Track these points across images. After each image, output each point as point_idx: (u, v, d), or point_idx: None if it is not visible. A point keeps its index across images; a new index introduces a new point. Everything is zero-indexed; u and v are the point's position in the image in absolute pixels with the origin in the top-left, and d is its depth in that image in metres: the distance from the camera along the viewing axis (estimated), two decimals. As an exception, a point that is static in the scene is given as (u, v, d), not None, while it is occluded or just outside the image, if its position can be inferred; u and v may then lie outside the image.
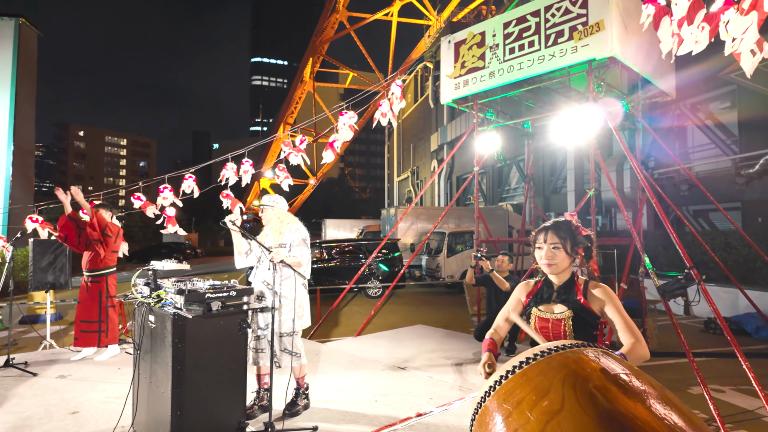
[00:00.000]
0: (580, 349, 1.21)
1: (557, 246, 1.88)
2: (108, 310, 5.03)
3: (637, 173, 5.60)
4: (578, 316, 1.83)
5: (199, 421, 2.75)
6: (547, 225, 1.93)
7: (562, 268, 1.89)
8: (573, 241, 1.90)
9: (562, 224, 1.92)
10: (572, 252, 1.89)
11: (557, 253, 1.88)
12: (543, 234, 1.92)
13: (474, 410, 1.25)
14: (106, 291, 5.04)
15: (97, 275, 5.04)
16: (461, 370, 4.81)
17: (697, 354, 5.99)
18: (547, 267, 1.90)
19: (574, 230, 1.92)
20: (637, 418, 0.98)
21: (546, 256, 1.89)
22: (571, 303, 1.86)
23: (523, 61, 6.10)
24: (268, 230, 3.62)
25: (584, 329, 1.82)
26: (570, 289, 1.89)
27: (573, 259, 1.90)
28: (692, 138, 13.17)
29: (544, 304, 1.92)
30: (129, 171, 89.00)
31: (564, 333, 1.83)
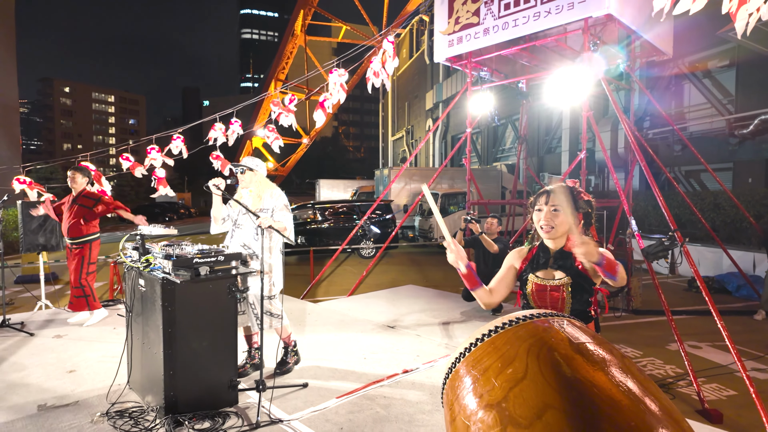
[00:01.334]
0: (547, 318, 1.25)
1: (558, 208, 1.82)
2: (87, 277, 4.94)
3: (628, 134, 5.57)
4: (576, 282, 1.80)
5: (191, 380, 2.85)
6: (548, 188, 1.87)
7: (561, 232, 1.84)
8: (575, 206, 1.84)
9: (564, 188, 1.83)
10: (572, 217, 1.80)
11: (557, 216, 1.82)
12: (544, 196, 1.86)
13: (446, 373, 1.31)
14: (89, 257, 4.94)
15: (81, 242, 4.92)
16: (448, 328, 4.96)
17: (677, 312, 6.20)
18: (545, 231, 1.85)
19: (576, 194, 1.87)
20: (594, 385, 1.03)
21: (545, 218, 1.83)
22: (568, 269, 1.82)
23: (518, 18, 5.92)
24: (246, 193, 3.55)
25: (581, 295, 1.80)
26: (567, 255, 1.84)
27: (574, 222, 1.80)
28: (688, 97, 13.03)
29: (541, 270, 1.88)
30: (118, 128, 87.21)
31: (562, 300, 1.81)
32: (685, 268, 9.17)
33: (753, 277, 7.54)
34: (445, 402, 1.29)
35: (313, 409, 3.01)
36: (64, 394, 3.22)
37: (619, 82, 7.41)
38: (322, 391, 3.29)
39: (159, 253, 2.90)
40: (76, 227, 4.86)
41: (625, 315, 6.17)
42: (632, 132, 5.70)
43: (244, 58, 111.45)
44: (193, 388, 2.86)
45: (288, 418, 2.87)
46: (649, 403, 1.01)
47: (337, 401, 3.12)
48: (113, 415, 2.88)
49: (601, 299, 1.86)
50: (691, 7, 3.64)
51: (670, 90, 13.23)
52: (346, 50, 7.03)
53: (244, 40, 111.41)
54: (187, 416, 2.78)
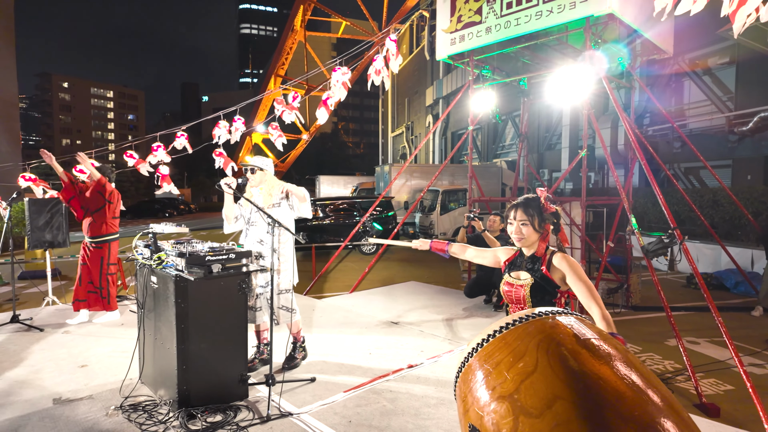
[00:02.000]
0: (555, 316, 1.33)
1: (525, 222, 2.07)
2: (108, 278, 4.93)
3: (628, 132, 5.63)
4: (537, 284, 2.03)
5: (203, 374, 2.93)
6: (517, 202, 2.12)
7: (531, 241, 2.09)
8: (540, 218, 2.08)
9: (531, 201, 2.10)
10: (540, 228, 2.07)
11: (525, 229, 2.07)
12: (513, 211, 2.11)
13: (459, 368, 1.38)
14: (108, 258, 4.93)
15: (99, 241, 4.92)
16: (451, 324, 5.04)
17: (675, 308, 6.29)
18: (517, 241, 2.10)
19: (542, 207, 2.09)
20: (601, 378, 1.10)
21: (515, 232, 2.09)
22: (534, 272, 2.06)
23: (521, 17, 5.96)
24: (256, 192, 3.64)
25: (541, 296, 2.04)
26: (537, 260, 2.08)
27: (541, 233, 2.08)
28: (688, 94, 13.08)
29: (515, 270, 2.14)
30: (117, 124, 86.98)
31: (522, 298, 2.06)
32: (683, 264, 9.25)
33: (751, 273, 7.63)
34: (458, 395, 1.37)
35: (322, 402, 3.09)
36: (78, 388, 3.30)
37: (619, 81, 7.46)
38: (330, 385, 3.38)
39: (172, 251, 2.96)
40: (96, 226, 4.89)
41: (624, 311, 6.25)
42: (632, 130, 5.76)
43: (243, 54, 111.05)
44: (205, 383, 2.94)
45: (297, 412, 2.95)
46: (651, 395, 1.09)
47: (344, 395, 3.20)
48: (127, 408, 2.96)
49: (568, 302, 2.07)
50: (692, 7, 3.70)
51: (670, 87, 13.28)
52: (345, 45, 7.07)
53: (243, 35, 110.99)
54: (199, 410, 2.86)
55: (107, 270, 4.91)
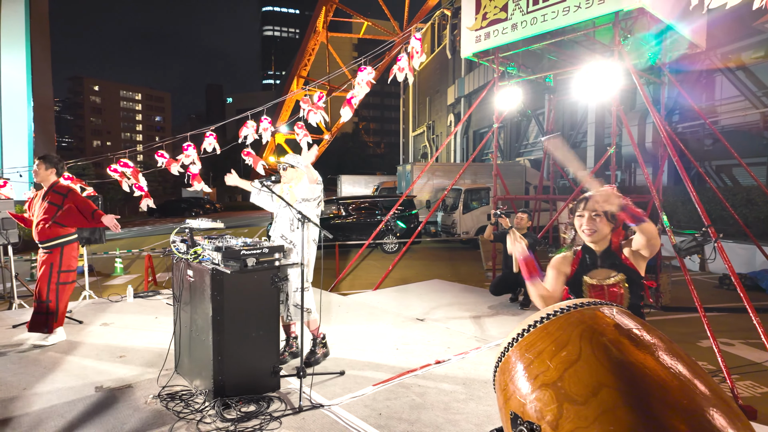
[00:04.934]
0: (597, 307, 1.33)
1: (598, 213, 1.92)
2: (59, 287, 4.10)
3: (660, 129, 5.52)
4: (629, 278, 1.89)
5: (237, 365, 3.01)
6: (587, 194, 1.95)
7: (603, 235, 1.94)
8: None
9: (602, 193, 1.91)
10: (612, 220, 1.91)
11: (599, 221, 1.92)
12: (584, 202, 1.95)
13: (497, 359, 1.40)
14: (59, 265, 4.10)
15: (50, 246, 4.12)
16: (478, 322, 5.03)
17: (709, 309, 6.11)
18: (588, 235, 1.94)
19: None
20: (646, 367, 1.11)
21: (587, 224, 1.93)
22: (618, 266, 1.91)
23: (547, 13, 5.90)
24: (287, 188, 3.74)
25: (636, 289, 1.90)
26: (613, 255, 1.94)
27: (614, 225, 1.93)
28: (720, 90, 12.68)
29: (591, 271, 1.97)
30: (145, 125, 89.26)
31: (620, 296, 1.90)
32: (715, 265, 8.98)
33: (788, 274, 7.38)
34: (498, 384, 1.39)
35: (352, 395, 3.14)
36: (118, 377, 3.43)
37: (649, 76, 7.30)
38: (359, 378, 3.42)
39: (208, 245, 3.06)
40: (45, 229, 4.08)
41: (654, 311, 6.13)
42: (663, 127, 5.63)
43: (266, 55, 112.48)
44: (239, 374, 3.02)
45: (328, 403, 3.00)
46: (698, 384, 1.09)
47: (373, 388, 3.24)
48: (165, 397, 3.07)
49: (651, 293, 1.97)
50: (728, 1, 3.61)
51: (700, 83, 12.90)
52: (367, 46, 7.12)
53: (266, 37, 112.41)
54: (233, 399, 2.94)
55: (57, 279, 4.12)
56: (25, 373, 3.50)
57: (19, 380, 3.37)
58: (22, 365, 3.66)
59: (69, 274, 4.18)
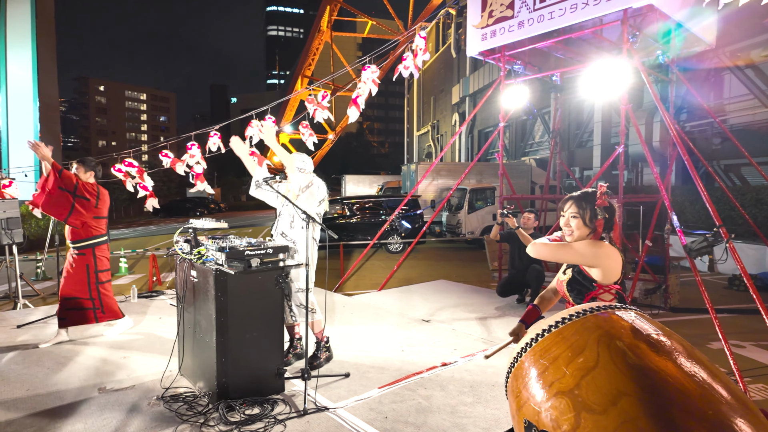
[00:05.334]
0: (613, 311, 1.28)
1: (575, 215, 2.00)
2: (99, 287, 4.26)
3: (669, 127, 5.44)
4: (574, 279, 2.00)
5: (242, 367, 2.97)
6: (572, 195, 2.05)
7: (580, 236, 2.00)
8: (592, 213, 1.99)
9: (587, 195, 2.02)
10: (590, 223, 1.99)
11: (575, 222, 2.00)
12: (567, 203, 2.05)
13: (510, 365, 1.35)
14: (95, 265, 4.24)
15: (81, 246, 4.22)
16: (484, 323, 4.97)
17: (719, 310, 6.03)
18: (567, 236, 2.04)
19: (594, 202, 2.01)
20: (668, 375, 1.06)
21: (565, 224, 2.03)
22: (572, 267, 2.02)
23: (555, 10, 5.83)
24: (291, 188, 3.69)
25: (578, 291, 1.99)
26: None
27: (591, 230, 2.00)
28: (729, 88, 12.54)
29: (566, 267, 2.10)
30: (150, 126, 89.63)
31: (564, 293, 2.05)
32: (724, 266, 8.88)
33: (799, 275, 7.27)
34: (510, 391, 1.34)
35: (357, 398, 3.09)
36: (121, 378, 3.40)
37: (658, 74, 7.21)
38: (364, 381, 3.38)
39: (212, 245, 3.02)
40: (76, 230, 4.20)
41: (663, 313, 6.04)
42: (673, 125, 5.55)
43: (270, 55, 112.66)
44: (243, 376, 2.98)
45: (333, 406, 2.96)
46: (722, 392, 1.04)
47: (379, 391, 3.20)
48: (168, 399, 3.04)
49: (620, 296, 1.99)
50: (741, -3, 3.54)
51: (708, 81, 12.76)
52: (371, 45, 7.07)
53: (270, 37, 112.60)
54: (237, 402, 2.90)
55: (95, 279, 4.26)
56: (28, 374, 3.48)
57: (23, 381, 3.35)
58: (25, 366, 3.64)
59: (105, 273, 4.38)
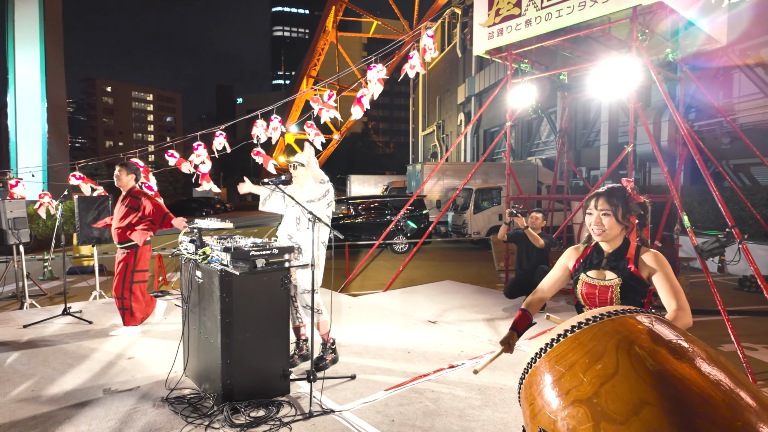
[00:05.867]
0: (633, 315, 1.23)
1: (608, 213, 1.82)
2: (131, 286, 4.39)
3: (680, 125, 5.35)
4: (627, 284, 1.79)
5: (247, 369, 2.94)
6: (599, 191, 1.88)
7: (613, 235, 1.84)
8: (625, 209, 1.84)
9: (615, 190, 1.86)
10: (623, 219, 1.83)
11: (607, 220, 1.83)
12: (594, 200, 1.87)
13: (523, 371, 1.30)
14: (133, 265, 4.39)
15: (127, 246, 4.42)
16: (492, 324, 4.92)
17: (730, 312, 5.93)
18: (596, 233, 1.86)
19: (627, 197, 1.86)
20: (692, 383, 1.01)
21: (595, 223, 1.84)
22: (621, 270, 1.82)
23: (563, 8, 5.76)
24: (297, 188, 3.67)
25: (632, 297, 1.79)
26: (621, 257, 1.84)
27: (624, 226, 1.84)
28: (739, 87, 12.39)
29: (593, 270, 1.88)
30: (156, 126, 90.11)
31: (611, 300, 1.81)
32: (734, 267, 8.77)
33: (812, 276, 7.14)
34: (524, 398, 1.29)
35: (363, 400, 3.05)
36: (126, 379, 3.38)
37: (667, 72, 7.12)
38: (370, 383, 3.34)
39: (217, 246, 2.99)
40: (123, 232, 4.39)
41: (673, 314, 5.95)
42: (683, 124, 5.47)
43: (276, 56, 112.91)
44: (248, 377, 2.95)
45: (339, 409, 2.92)
46: (749, 400, 0.99)
47: (385, 393, 3.16)
48: (173, 400, 3.01)
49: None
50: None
51: (717, 80, 12.61)
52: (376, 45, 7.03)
53: (276, 38, 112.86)
54: (243, 404, 2.87)
55: (131, 279, 4.41)
56: (33, 374, 3.47)
57: (28, 382, 3.34)
58: (31, 366, 3.63)
59: (143, 274, 4.49)
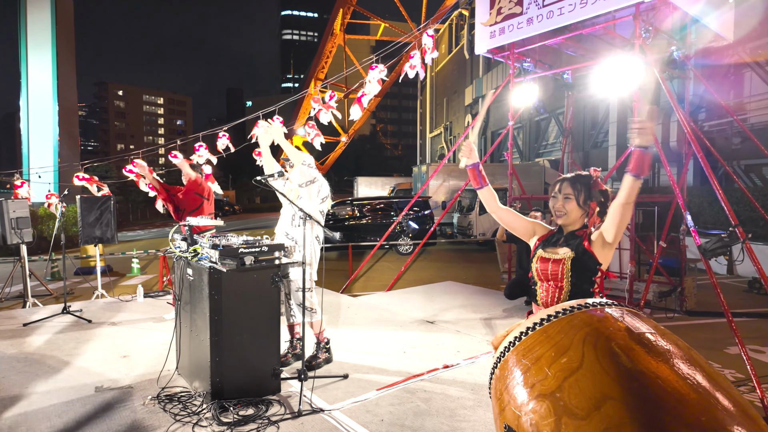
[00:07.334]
0: (604, 308, 1.19)
1: (569, 197, 1.92)
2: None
3: (683, 124, 5.26)
4: (578, 259, 1.85)
5: (236, 367, 2.92)
6: (566, 176, 1.97)
7: (572, 219, 1.93)
8: (587, 195, 1.91)
9: (580, 177, 1.95)
10: (584, 205, 1.91)
11: (568, 204, 1.92)
12: (559, 184, 1.97)
13: (494, 364, 1.27)
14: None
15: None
16: (490, 325, 4.86)
17: (736, 314, 5.81)
18: (558, 217, 1.95)
19: (591, 184, 1.92)
20: (659, 378, 0.96)
21: (557, 206, 1.94)
22: (574, 247, 1.89)
23: (564, 6, 5.70)
24: (293, 186, 3.64)
25: (582, 272, 1.85)
26: (576, 236, 1.92)
27: (584, 212, 1.92)
28: (749, 86, 12.18)
29: (550, 247, 1.96)
30: (167, 129, 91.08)
31: (561, 274, 1.86)
32: (743, 268, 8.59)
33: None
34: (493, 393, 1.25)
35: (354, 400, 3.02)
36: (119, 377, 3.39)
37: (673, 71, 7.01)
38: (362, 382, 3.30)
39: (206, 243, 2.98)
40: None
41: (678, 316, 5.84)
42: (688, 123, 5.37)
43: (285, 59, 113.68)
44: (238, 375, 2.93)
45: (329, 408, 2.89)
46: (720, 398, 0.94)
47: (377, 393, 3.12)
48: (163, 398, 3.00)
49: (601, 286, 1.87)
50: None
51: (727, 79, 12.41)
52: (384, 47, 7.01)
53: (285, 41, 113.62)
54: (232, 402, 2.85)
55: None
56: (29, 372, 3.48)
57: (23, 379, 3.36)
58: (27, 364, 3.66)
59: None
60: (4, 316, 5.14)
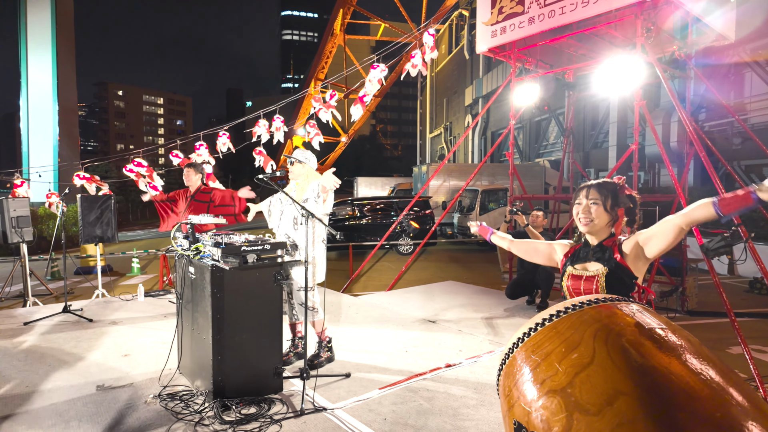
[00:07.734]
0: (614, 303, 1.18)
1: (596, 202, 1.80)
2: None
3: (686, 124, 5.25)
4: (613, 274, 1.74)
5: (238, 366, 2.91)
6: (590, 182, 1.86)
7: (600, 226, 1.81)
8: (614, 200, 1.81)
9: (606, 183, 1.84)
10: (611, 211, 1.80)
11: (596, 209, 1.79)
12: (585, 190, 1.85)
13: (501, 361, 1.26)
14: None
15: None
16: (491, 324, 4.85)
17: (739, 314, 5.80)
18: (583, 224, 1.82)
19: (618, 189, 1.83)
20: (671, 373, 0.95)
21: (583, 212, 1.81)
22: (606, 261, 1.77)
23: (566, 5, 5.69)
24: (294, 186, 3.64)
25: (618, 288, 1.73)
26: (606, 249, 1.80)
27: (611, 219, 1.81)
28: (750, 86, 12.19)
29: (579, 263, 1.85)
30: (167, 129, 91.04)
31: (596, 290, 1.76)
32: (745, 268, 8.58)
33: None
34: (501, 389, 1.24)
35: (356, 399, 3.01)
36: (120, 376, 3.37)
37: (674, 70, 7.00)
38: (365, 381, 3.29)
39: (208, 241, 2.97)
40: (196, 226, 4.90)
41: (680, 316, 5.84)
42: (690, 122, 5.36)
43: (285, 59, 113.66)
44: (240, 374, 2.92)
45: (331, 407, 2.88)
46: (734, 394, 0.93)
47: (380, 392, 3.11)
48: (165, 397, 2.99)
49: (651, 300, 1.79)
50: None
51: (728, 79, 12.42)
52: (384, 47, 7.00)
53: (285, 41, 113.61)
54: (234, 401, 2.84)
55: None
56: (29, 371, 3.47)
57: (23, 377, 3.34)
58: (27, 362, 3.64)
59: None
60: (5, 315, 5.13)
